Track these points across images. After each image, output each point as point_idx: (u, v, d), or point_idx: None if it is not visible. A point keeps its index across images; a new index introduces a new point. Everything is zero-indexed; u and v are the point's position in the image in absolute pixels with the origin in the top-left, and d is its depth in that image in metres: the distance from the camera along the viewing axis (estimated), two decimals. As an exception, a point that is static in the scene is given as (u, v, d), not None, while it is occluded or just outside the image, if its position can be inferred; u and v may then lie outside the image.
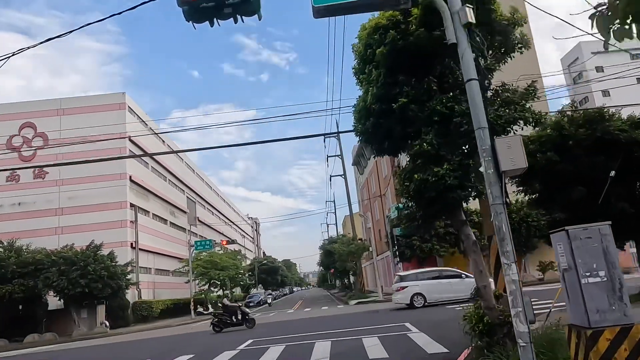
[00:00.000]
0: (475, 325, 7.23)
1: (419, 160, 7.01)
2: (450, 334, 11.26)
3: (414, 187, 6.95)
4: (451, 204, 6.96)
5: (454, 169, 6.74)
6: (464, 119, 6.73)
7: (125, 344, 20.46)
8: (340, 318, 20.34)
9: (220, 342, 15.57)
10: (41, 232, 37.69)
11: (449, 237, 29.55)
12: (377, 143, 7.97)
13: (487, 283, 7.28)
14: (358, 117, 8.08)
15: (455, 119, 6.79)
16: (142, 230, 41.59)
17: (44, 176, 39.92)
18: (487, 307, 7.21)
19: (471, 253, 7.29)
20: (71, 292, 28.54)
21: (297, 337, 13.86)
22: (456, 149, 6.91)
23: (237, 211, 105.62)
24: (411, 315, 16.69)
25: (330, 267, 57.11)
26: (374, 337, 12.09)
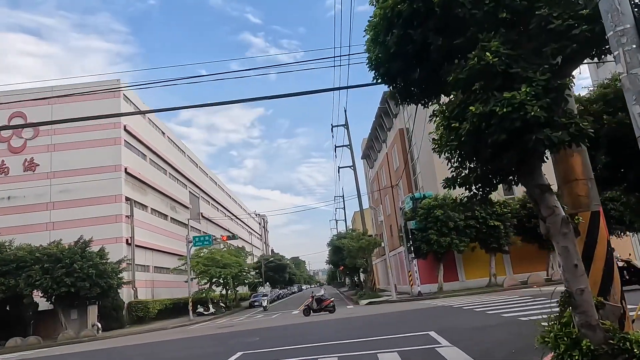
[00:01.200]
0: (566, 353, 4.48)
1: (476, 84, 4.26)
2: (493, 350, 8.52)
3: (469, 128, 4.22)
4: (532, 152, 4.21)
5: (538, 93, 4.00)
6: (554, 10, 3.99)
7: (95, 352, 17.90)
8: (351, 322, 17.61)
9: (203, 355, 12.95)
10: (31, 228, 35.38)
11: (470, 231, 26.83)
12: (403, 73, 5.22)
13: (586, 286, 4.53)
14: (374, 35, 5.33)
15: (540, 11, 4.05)
16: (140, 225, 39.19)
17: (34, 168, 37.61)
18: (585, 325, 4.46)
19: (559, 237, 4.54)
20: (56, 291, 26.23)
21: (296, 351, 11.14)
22: (540, 62, 4.16)
23: (244, 208, 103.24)
24: (435, 321, 13.95)
25: (340, 264, 54.41)
26: (392, 352, 9.36)
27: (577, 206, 5.46)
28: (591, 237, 5.34)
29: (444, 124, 4.64)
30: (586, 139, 4.17)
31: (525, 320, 11.37)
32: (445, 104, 4.75)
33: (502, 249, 27.49)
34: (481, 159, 4.50)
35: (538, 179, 4.62)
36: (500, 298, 19.69)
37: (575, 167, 5.49)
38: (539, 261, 28.36)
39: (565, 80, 4.21)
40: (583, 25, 3.86)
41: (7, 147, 38.04)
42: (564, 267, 4.62)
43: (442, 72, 4.86)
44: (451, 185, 5.08)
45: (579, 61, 4.52)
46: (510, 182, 4.90)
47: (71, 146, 37.69)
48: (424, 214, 27.03)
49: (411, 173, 35.79)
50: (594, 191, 5.56)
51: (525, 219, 27.12)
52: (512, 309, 14.70)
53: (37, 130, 38.25)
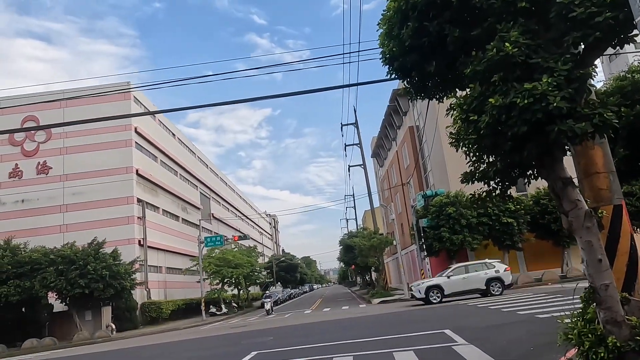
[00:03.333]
0: (591, 350, 4.36)
1: (495, 76, 4.16)
2: (511, 348, 8.38)
3: (488, 121, 4.12)
4: (554, 145, 4.09)
5: (560, 84, 3.89)
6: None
7: (109, 353, 18.01)
8: (364, 321, 17.52)
9: (218, 355, 12.96)
10: (45, 230, 35.82)
11: (482, 228, 26.57)
12: (419, 66, 5.12)
13: (611, 281, 4.41)
14: (387, 29, 5.24)
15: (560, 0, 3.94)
16: (152, 227, 39.43)
17: (47, 172, 38.02)
18: (610, 321, 4.33)
19: (582, 231, 4.41)
20: (70, 293, 26.50)
21: (311, 350, 11.08)
22: (561, 51, 4.05)
23: (255, 208, 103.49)
24: (449, 319, 13.81)
25: (351, 263, 54.32)
26: (408, 350, 9.25)
27: (599, 200, 5.33)
28: (614, 232, 5.21)
29: (462, 117, 4.53)
30: (610, 130, 4.05)
31: (543, 317, 11.20)
32: (463, 97, 4.65)
33: (516, 246, 27.18)
34: (501, 152, 4.40)
35: (560, 172, 4.50)
36: (515, 295, 19.47)
37: (597, 160, 5.36)
38: (554, 258, 28.00)
39: (588, 70, 4.09)
40: (606, 12, 3.74)
41: (21, 151, 38.52)
42: (588, 262, 4.50)
43: (459, 64, 4.76)
44: (470, 180, 4.98)
45: (602, 50, 4.40)
46: (530, 176, 4.78)
47: (83, 149, 38.05)
48: (435, 211, 26.83)
49: (422, 171, 35.58)
50: (616, 184, 5.42)
51: (538, 216, 26.80)
52: (527, 306, 14.51)
53: (50, 134, 38.66)
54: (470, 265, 22.27)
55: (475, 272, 21.50)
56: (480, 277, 21.26)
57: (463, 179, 5.06)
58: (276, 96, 11.04)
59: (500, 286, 21.04)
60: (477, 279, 21.22)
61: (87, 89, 36.36)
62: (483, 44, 4.38)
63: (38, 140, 38.71)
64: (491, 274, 21.30)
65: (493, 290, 21.00)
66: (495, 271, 21.35)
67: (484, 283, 21.10)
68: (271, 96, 11.18)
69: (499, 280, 21.14)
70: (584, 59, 4.21)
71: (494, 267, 21.57)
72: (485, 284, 21.10)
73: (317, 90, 10.88)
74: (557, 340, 5.06)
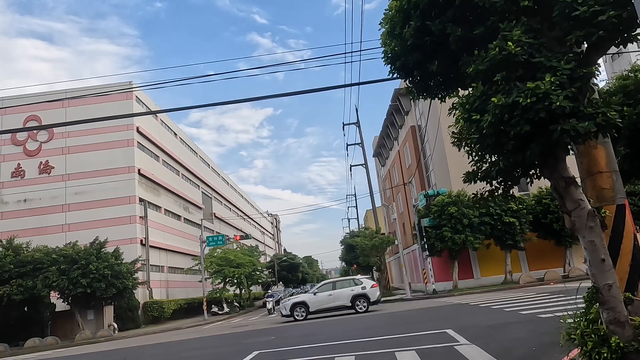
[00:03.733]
0: (594, 350, 4.35)
1: (497, 75, 4.14)
2: (513, 348, 8.37)
3: (491, 120, 4.11)
4: (557, 144, 4.07)
5: (563, 83, 3.87)
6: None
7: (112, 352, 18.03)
8: (366, 321, 17.50)
9: (219, 354, 12.96)
10: (48, 230, 35.90)
11: (484, 228, 26.57)
12: (421, 65, 5.11)
13: (614, 281, 4.40)
14: (390, 28, 5.23)
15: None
16: (154, 226, 39.49)
17: (49, 171, 38.09)
18: (613, 321, 4.32)
19: (585, 231, 4.40)
20: (72, 292, 26.54)
21: (313, 350, 11.08)
22: (564, 50, 4.03)
23: (257, 207, 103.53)
24: (451, 319, 13.79)
25: (353, 262, 54.27)
26: (410, 350, 9.24)
27: (602, 199, 5.31)
28: (617, 231, 5.18)
29: (464, 116, 4.52)
30: (613, 129, 4.03)
31: (545, 317, 11.18)
32: (465, 96, 4.63)
33: (518, 246, 27.17)
34: (503, 151, 4.38)
35: (562, 171, 4.49)
36: (517, 295, 19.44)
37: (599, 159, 5.34)
38: (556, 258, 27.99)
39: (591, 69, 4.08)
40: (610, 11, 3.73)
41: (23, 151, 38.59)
42: (591, 262, 4.48)
43: (461, 63, 4.75)
44: (472, 179, 4.96)
45: (605, 49, 4.38)
46: (532, 175, 4.77)
47: (85, 148, 38.12)
48: (437, 211, 26.82)
49: (424, 170, 35.55)
50: (619, 184, 5.40)
51: (540, 215, 26.78)
52: (529, 306, 14.49)
53: (52, 134, 38.74)
54: (338, 282, 22.56)
55: (342, 288, 21.61)
56: (346, 294, 21.30)
57: (465, 179, 5.04)
58: (278, 95, 11.05)
59: (366, 303, 21.07)
60: (343, 295, 21.27)
61: (89, 89, 36.45)
62: (485, 43, 4.37)
63: (40, 139, 38.79)
64: (357, 290, 21.28)
65: (358, 307, 21.02)
66: (361, 288, 21.36)
67: (349, 300, 21.14)
68: (273, 95, 11.18)
69: (365, 297, 21.15)
70: (587, 57, 4.20)
71: (362, 283, 21.61)
72: (350, 300, 21.13)
73: (318, 90, 10.88)
74: (559, 340, 5.04)
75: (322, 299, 21.33)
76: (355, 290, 21.35)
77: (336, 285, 22.03)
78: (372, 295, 21.32)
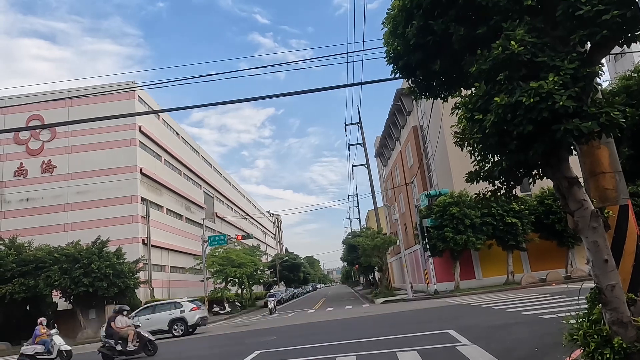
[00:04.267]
0: (596, 351, 4.33)
1: (500, 75, 4.13)
2: (515, 349, 8.34)
3: (494, 120, 4.09)
4: (560, 144, 4.06)
5: (566, 82, 3.86)
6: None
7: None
8: (367, 321, 17.51)
9: (221, 354, 12.97)
10: (50, 229, 35.99)
11: (486, 228, 26.49)
12: (423, 65, 5.10)
13: (617, 282, 4.38)
14: (392, 27, 5.22)
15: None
16: (156, 226, 39.54)
17: (52, 170, 38.19)
18: (616, 322, 4.30)
19: (588, 231, 4.38)
20: (74, 291, 26.61)
21: (314, 350, 11.08)
22: (567, 50, 4.02)
23: (258, 207, 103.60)
24: (453, 319, 13.76)
25: (354, 262, 54.28)
26: (412, 350, 9.23)
27: (605, 200, 5.29)
28: (620, 232, 5.16)
29: (467, 116, 4.51)
30: (617, 129, 4.02)
31: (547, 318, 11.15)
32: (468, 95, 4.62)
33: (520, 246, 27.09)
34: (506, 151, 4.36)
35: (565, 171, 4.47)
36: (519, 296, 19.40)
37: (602, 159, 5.32)
38: (558, 258, 27.90)
39: (594, 68, 4.06)
40: (614, 10, 3.71)
41: (26, 150, 38.70)
42: (593, 263, 4.46)
43: (464, 63, 4.73)
44: (474, 179, 4.95)
45: (609, 48, 4.37)
46: (535, 175, 4.75)
47: (87, 148, 38.20)
48: (439, 211, 26.76)
49: (426, 170, 35.50)
50: (622, 184, 5.38)
51: (543, 216, 26.70)
52: (531, 306, 14.45)
53: (54, 133, 38.83)
54: (158, 305, 22.48)
55: (161, 312, 21.49)
56: (164, 317, 21.20)
57: (468, 179, 5.03)
58: (280, 95, 11.04)
59: (184, 327, 20.98)
60: (161, 319, 21.16)
61: (91, 88, 36.57)
62: (488, 42, 4.36)
63: (43, 139, 38.90)
64: (176, 314, 21.21)
65: (175, 331, 20.93)
66: (180, 311, 21.27)
67: (167, 324, 21.04)
68: (274, 95, 11.17)
69: (182, 320, 21.09)
70: (590, 57, 4.19)
71: (182, 307, 21.48)
72: (168, 324, 21.03)
73: (320, 90, 10.87)
74: (562, 341, 5.03)
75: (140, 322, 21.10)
76: (173, 313, 21.24)
77: (156, 309, 21.88)
78: (190, 318, 21.15)
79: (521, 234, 26.47)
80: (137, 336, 14.18)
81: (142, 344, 14.13)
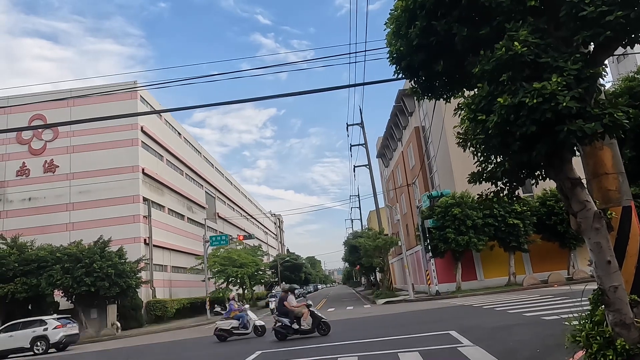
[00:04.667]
0: (599, 352, 4.32)
1: (504, 75, 4.13)
2: (517, 350, 8.32)
3: (497, 121, 4.09)
4: (563, 145, 4.05)
5: (570, 83, 3.86)
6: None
7: (115, 351, 18.08)
8: (369, 322, 17.50)
9: (222, 353, 12.97)
10: (52, 229, 36.00)
11: (488, 229, 26.47)
12: (426, 65, 5.10)
13: (620, 283, 4.37)
14: (395, 28, 5.22)
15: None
16: (157, 225, 39.58)
17: (54, 170, 38.23)
18: (619, 323, 4.29)
19: (591, 233, 4.37)
20: (76, 291, 26.67)
21: (315, 350, 11.08)
22: (571, 50, 4.01)
23: (260, 207, 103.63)
24: (455, 321, 13.74)
25: (356, 263, 54.24)
26: (413, 351, 9.22)
27: (608, 201, 5.28)
28: (623, 233, 5.16)
29: (470, 117, 4.50)
30: (620, 130, 4.01)
31: (549, 319, 11.13)
32: (471, 96, 4.62)
33: (522, 248, 27.05)
34: (509, 152, 4.36)
35: (568, 172, 4.47)
36: (521, 297, 19.37)
37: (605, 160, 5.31)
38: (560, 260, 27.85)
39: (598, 69, 4.06)
40: (617, 11, 3.71)
41: (28, 149, 38.76)
42: (596, 264, 4.45)
43: (467, 63, 4.74)
44: (477, 180, 4.95)
45: (612, 49, 4.36)
46: (538, 176, 4.75)
47: (90, 147, 38.24)
48: (441, 212, 26.75)
49: (427, 171, 35.49)
50: (625, 185, 5.37)
51: (545, 217, 26.67)
52: (533, 308, 14.43)
53: (57, 133, 38.88)
54: (24, 322, 22.06)
55: (25, 329, 21.26)
56: (26, 335, 20.99)
57: (470, 179, 5.03)
58: (281, 96, 11.06)
59: (45, 345, 20.79)
60: (24, 337, 20.93)
61: (93, 88, 36.62)
62: (492, 43, 4.36)
63: (45, 138, 38.95)
64: (39, 332, 21.01)
65: (37, 349, 20.73)
66: (44, 329, 21.11)
67: (29, 341, 20.83)
68: (276, 96, 11.18)
69: (44, 338, 20.90)
70: (594, 58, 4.18)
71: (46, 324, 21.30)
72: (30, 342, 20.83)
73: (322, 90, 10.87)
74: (564, 343, 5.02)
75: (3, 340, 20.86)
76: (37, 331, 21.05)
77: (20, 326, 21.66)
78: (52, 337, 20.98)
79: (523, 235, 26.43)
80: (311, 315, 13.88)
81: (316, 323, 13.78)
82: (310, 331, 13.74)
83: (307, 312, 13.80)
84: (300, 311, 13.85)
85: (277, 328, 13.91)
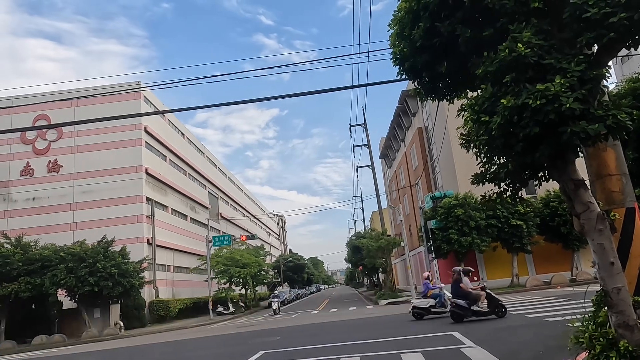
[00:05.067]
0: (602, 354, 4.32)
1: (507, 77, 4.14)
2: (520, 351, 8.32)
3: (500, 122, 4.10)
4: (567, 146, 4.06)
5: (573, 85, 3.86)
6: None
7: (118, 350, 18.14)
8: (371, 323, 17.50)
9: (225, 354, 13.00)
10: (56, 228, 36.17)
11: (491, 230, 26.42)
12: (430, 67, 5.11)
13: (623, 284, 4.37)
14: (399, 29, 5.23)
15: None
16: (160, 225, 39.68)
17: (58, 170, 38.40)
18: (622, 325, 4.29)
19: (594, 234, 4.37)
20: (80, 290, 26.74)
21: (318, 351, 11.09)
22: (574, 52, 4.02)
23: (263, 208, 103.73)
24: (459, 322, 13.73)
25: (358, 264, 54.27)
26: (416, 352, 9.23)
27: (611, 202, 5.28)
28: (626, 234, 5.16)
29: (473, 118, 4.51)
30: (624, 131, 4.01)
31: (552, 321, 11.11)
32: (474, 97, 4.63)
33: (525, 249, 26.98)
34: (512, 153, 4.36)
35: (572, 173, 4.47)
36: (524, 298, 19.33)
37: (609, 162, 5.31)
38: (563, 261, 27.77)
39: (601, 71, 4.06)
40: (621, 13, 3.71)
41: (32, 149, 38.94)
42: (600, 265, 4.45)
43: (470, 65, 4.74)
44: (480, 181, 4.95)
45: (616, 51, 4.36)
46: (541, 177, 4.75)
47: (93, 148, 38.40)
48: (444, 213, 26.71)
49: (430, 172, 35.45)
50: (629, 187, 5.37)
51: (548, 218, 26.60)
52: (536, 309, 14.41)
53: (61, 133, 39.05)
54: None
55: None
56: None
57: (474, 180, 5.03)
58: (284, 96, 11.07)
59: None
60: None
61: (97, 89, 36.71)
62: (495, 44, 4.36)
63: (49, 138, 39.13)
64: None
65: None
66: None
67: None
68: (279, 96, 11.21)
69: None
70: (597, 59, 4.19)
71: None
72: None
73: (325, 91, 10.89)
74: (567, 344, 5.01)
75: None
76: None
77: None
78: None
79: (526, 236, 26.37)
80: (487, 297, 13.63)
81: (493, 305, 13.47)
82: (488, 313, 13.50)
83: (484, 295, 13.69)
84: (478, 293, 13.73)
85: (454, 309, 13.85)
